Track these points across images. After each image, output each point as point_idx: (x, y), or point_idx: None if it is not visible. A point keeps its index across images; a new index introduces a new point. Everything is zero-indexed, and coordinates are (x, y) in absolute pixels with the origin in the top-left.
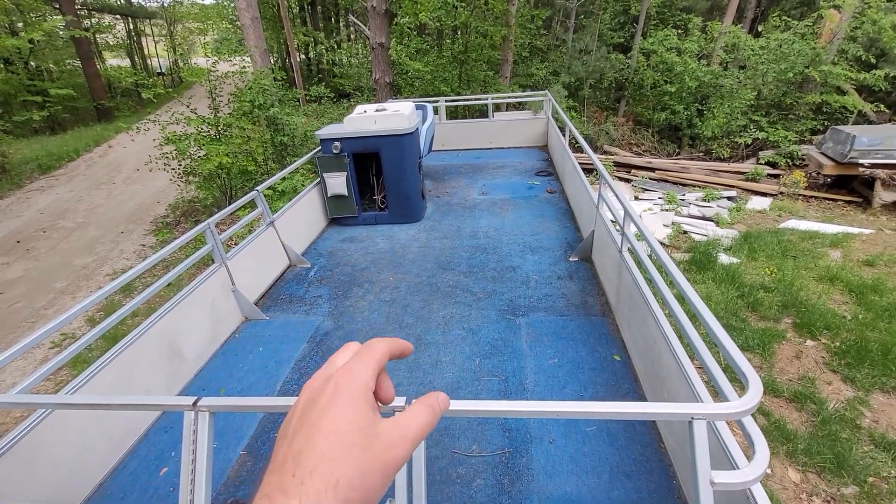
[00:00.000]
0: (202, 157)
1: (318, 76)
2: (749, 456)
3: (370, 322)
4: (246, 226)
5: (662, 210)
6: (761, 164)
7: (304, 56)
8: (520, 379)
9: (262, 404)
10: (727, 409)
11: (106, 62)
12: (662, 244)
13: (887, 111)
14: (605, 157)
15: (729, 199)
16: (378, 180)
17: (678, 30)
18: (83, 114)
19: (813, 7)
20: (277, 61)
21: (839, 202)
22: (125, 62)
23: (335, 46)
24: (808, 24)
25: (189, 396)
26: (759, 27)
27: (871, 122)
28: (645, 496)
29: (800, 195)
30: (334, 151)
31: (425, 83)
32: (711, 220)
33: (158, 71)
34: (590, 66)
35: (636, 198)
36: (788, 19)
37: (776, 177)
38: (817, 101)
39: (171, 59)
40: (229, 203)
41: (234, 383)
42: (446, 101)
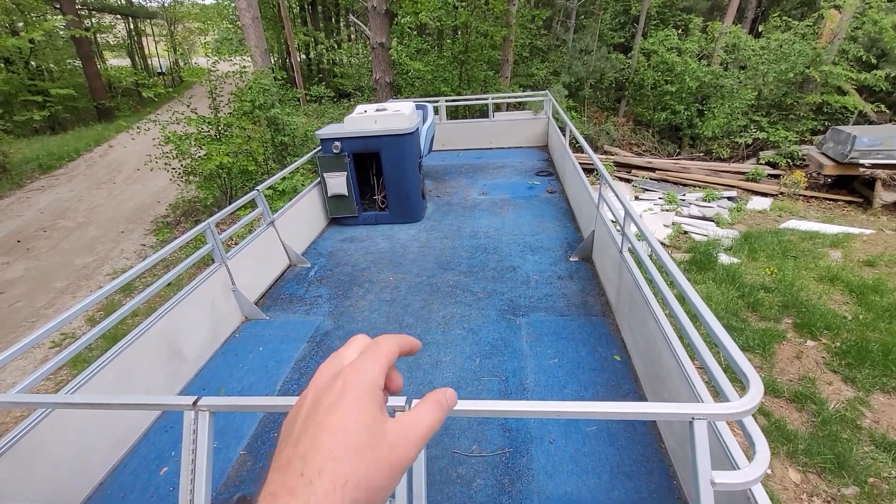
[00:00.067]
0: (203, 156)
1: (319, 76)
2: (749, 456)
3: (370, 322)
4: (246, 225)
5: (663, 210)
6: (762, 164)
7: (304, 56)
8: (520, 379)
9: (262, 404)
10: (728, 409)
11: (106, 62)
12: (663, 244)
13: (888, 111)
14: (606, 157)
15: (729, 199)
16: (378, 180)
17: (678, 30)
18: (84, 114)
19: (813, 7)
20: (278, 61)
21: (840, 202)
22: (126, 62)
23: (335, 46)
24: (809, 25)
25: (189, 396)
26: (759, 27)
27: (871, 123)
28: (645, 496)
29: (800, 195)
30: (334, 151)
31: (425, 83)
32: (712, 221)
33: (159, 71)
34: (590, 66)
35: (636, 198)
36: (789, 19)
37: (776, 177)
38: (818, 102)
39: (171, 59)
40: (229, 203)
41: (234, 383)
42: (447, 101)
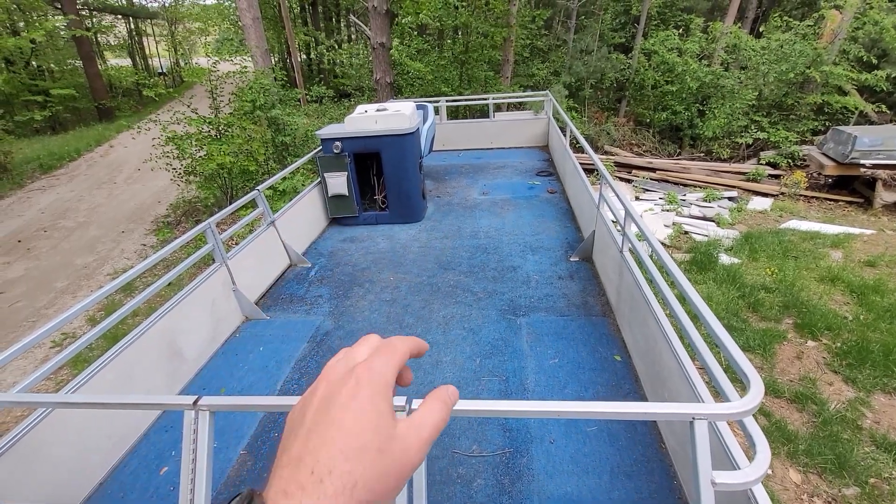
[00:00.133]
0: (203, 156)
1: (320, 76)
2: (750, 456)
3: (371, 322)
4: (246, 225)
5: (663, 210)
6: (762, 164)
7: (304, 56)
8: (520, 379)
9: (262, 404)
10: (728, 409)
11: (107, 62)
12: (663, 244)
13: (888, 112)
14: (606, 157)
15: (730, 199)
16: (379, 180)
17: (679, 30)
18: (84, 114)
19: (814, 7)
20: (278, 61)
21: (840, 203)
22: (126, 62)
23: (336, 46)
24: (810, 25)
25: (189, 396)
26: (760, 27)
27: (872, 123)
28: (646, 496)
29: (801, 196)
30: (335, 151)
31: (426, 83)
32: (712, 221)
33: (160, 71)
34: (591, 66)
35: (637, 198)
36: (790, 20)
37: (777, 177)
38: (818, 102)
39: (171, 60)
40: (230, 203)
41: (234, 383)
42: (447, 101)
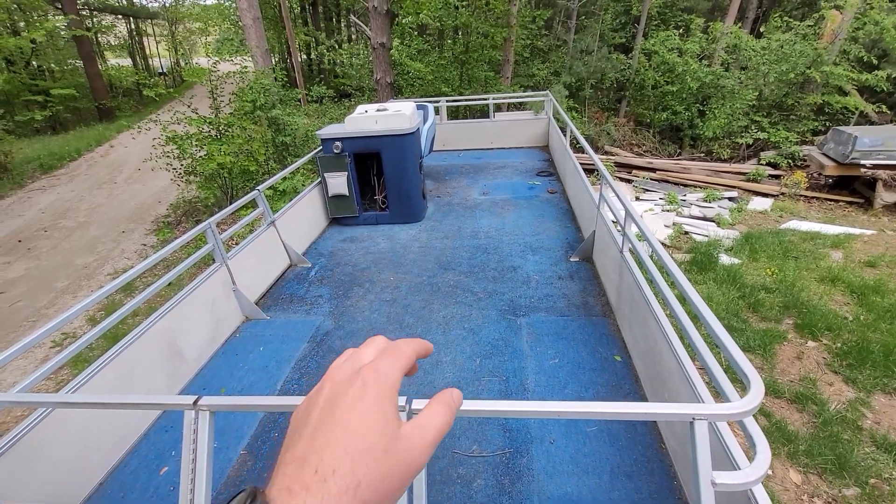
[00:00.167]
0: (203, 156)
1: (320, 76)
2: (750, 457)
3: (371, 322)
4: (247, 225)
5: (663, 210)
6: (762, 164)
7: (305, 56)
8: (520, 379)
9: (262, 404)
10: (728, 409)
11: (108, 62)
12: (663, 244)
13: (889, 112)
14: (606, 157)
15: (730, 199)
16: (379, 180)
17: (679, 30)
18: (85, 114)
19: (814, 7)
20: (279, 61)
21: (840, 203)
22: (126, 62)
23: (336, 46)
24: (810, 25)
25: (189, 396)
26: (760, 27)
27: (872, 123)
28: (646, 497)
29: (801, 196)
30: (335, 151)
31: (426, 83)
32: (712, 221)
33: (160, 71)
34: (591, 66)
35: (637, 198)
36: (790, 20)
37: (777, 177)
38: (819, 102)
39: (172, 60)
40: (230, 203)
41: (234, 383)
42: (447, 101)
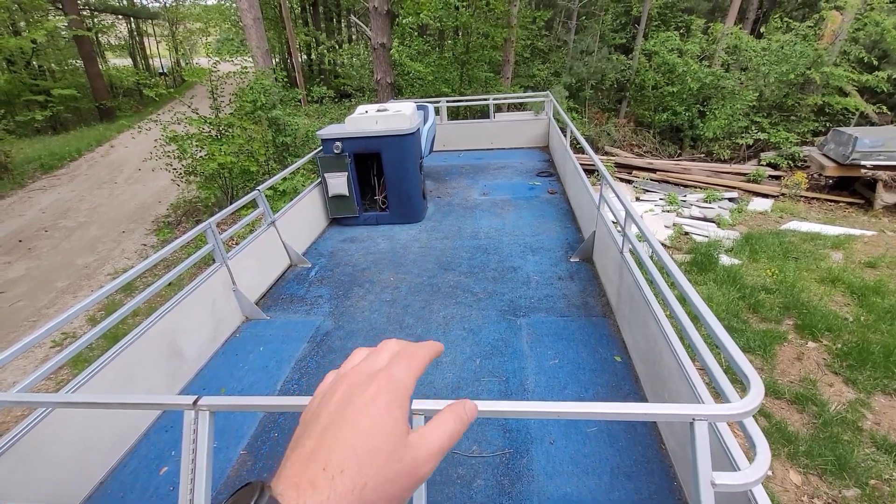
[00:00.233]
0: (204, 156)
1: (320, 76)
2: (750, 457)
3: (371, 322)
4: (247, 226)
5: (664, 211)
6: (763, 165)
7: (305, 56)
8: (520, 380)
9: (262, 404)
10: (728, 410)
11: (108, 62)
12: (663, 245)
13: (889, 113)
14: (607, 157)
15: (730, 200)
16: (379, 180)
17: (680, 31)
18: (85, 114)
19: (815, 8)
20: (279, 62)
21: (841, 204)
22: (127, 62)
23: (337, 47)
24: (810, 26)
25: (189, 396)
26: (760, 28)
27: (873, 124)
28: (646, 497)
29: (801, 197)
30: (335, 151)
31: (427, 84)
32: (713, 222)
33: (160, 71)
34: (591, 66)
35: (637, 199)
36: (790, 21)
37: (777, 178)
38: (819, 103)
39: (172, 60)
40: (230, 203)
41: (234, 383)
42: (447, 101)
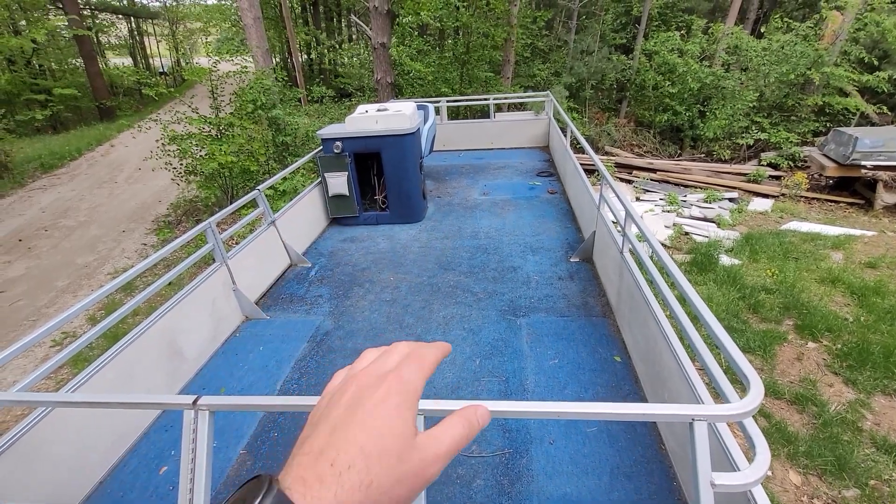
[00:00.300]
0: (204, 156)
1: (320, 76)
2: (750, 458)
3: (371, 322)
4: (247, 225)
5: (664, 211)
6: (763, 165)
7: (305, 56)
8: (520, 379)
9: (262, 403)
10: (728, 410)
11: (109, 61)
12: (663, 245)
13: (890, 113)
14: (607, 157)
15: (730, 200)
16: (379, 180)
17: (680, 31)
18: (86, 113)
19: (815, 8)
20: (279, 61)
21: (841, 204)
22: (127, 61)
23: (337, 47)
24: (811, 26)
25: (189, 395)
26: (761, 28)
27: (873, 124)
28: (645, 497)
29: (801, 197)
30: (335, 151)
31: (427, 84)
32: (713, 222)
33: (161, 70)
34: (591, 66)
35: (637, 199)
36: (790, 21)
37: (778, 178)
38: (819, 103)
39: (172, 59)
40: (231, 202)
41: (234, 382)
42: (448, 101)
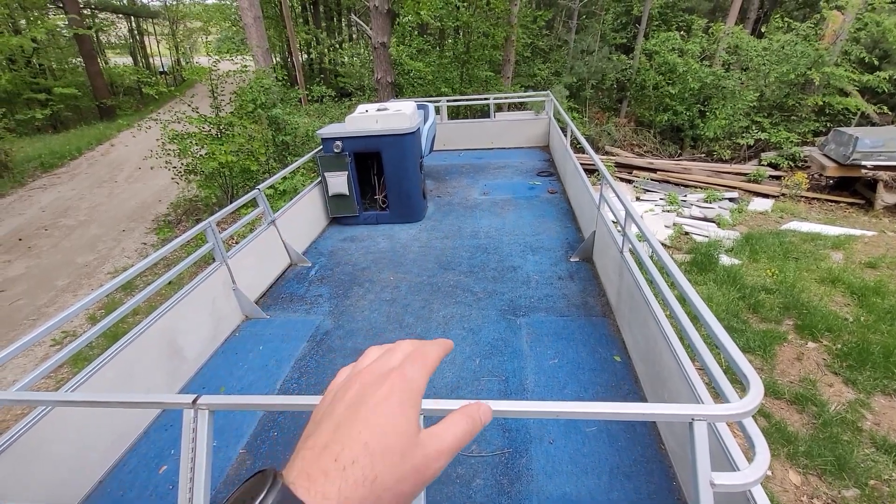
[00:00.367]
0: (204, 155)
1: (321, 75)
2: (749, 458)
3: (371, 321)
4: (247, 225)
5: (664, 211)
6: (763, 165)
7: (305, 55)
8: (520, 379)
9: (261, 403)
10: (728, 410)
11: (109, 61)
12: (663, 245)
13: (890, 113)
14: (607, 157)
15: (730, 200)
16: (379, 180)
17: (681, 31)
18: (86, 112)
19: (816, 8)
20: (280, 60)
21: (841, 204)
22: (127, 60)
23: (337, 46)
24: (811, 26)
25: (189, 395)
26: (761, 28)
27: (873, 124)
28: (645, 497)
29: (802, 197)
30: (335, 151)
31: (427, 83)
32: (713, 222)
33: (161, 70)
34: (592, 66)
35: (638, 199)
36: (791, 20)
37: (778, 178)
38: (820, 103)
39: (173, 58)
40: (231, 202)
41: (234, 382)
42: (448, 100)
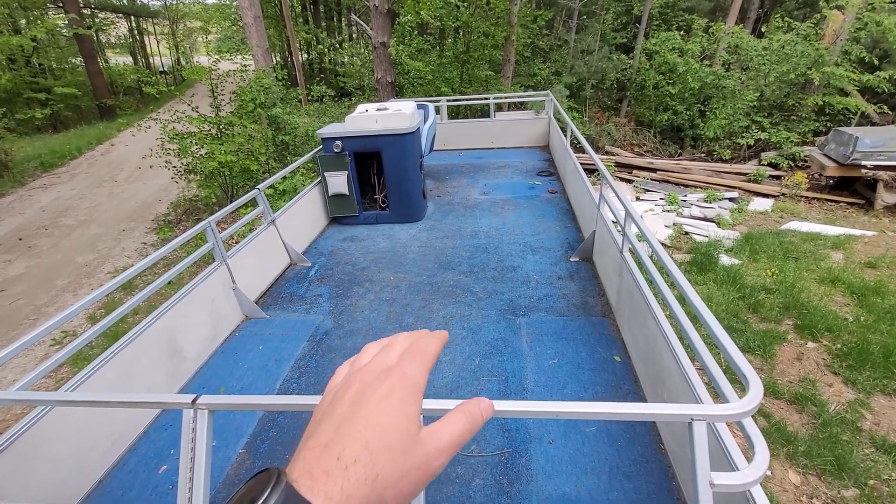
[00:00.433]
0: (204, 155)
1: (321, 75)
2: (749, 457)
3: (370, 321)
4: (247, 224)
5: (664, 211)
6: (763, 165)
7: (305, 55)
8: (520, 379)
9: (261, 403)
10: (727, 410)
11: (109, 61)
12: (663, 245)
13: (890, 113)
14: (607, 157)
15: (730, 200)
16: (379, 179)
17: (681, 31)
18: (86, 112)
19: (816, 8)
20: (280, 60)
21: (841, 204)
22: (127, 60)
23: (337, 46)
24: (811, 25)
25: (188, 394)
26: (761, 28)
27: (874, 124)
28: (644, 497)
29: (802, 197)
30: (335, 150)
31: (427, 83)
32: (713, 221)
33: (161, 69)
34: (592, 66)
35: (637, 198)
36: (791, 20)
37: (778, 178)
38: (820, 103)
39: (173, 58)
40: (230, 201)
41: (233, 381)
42: (448, 100)
